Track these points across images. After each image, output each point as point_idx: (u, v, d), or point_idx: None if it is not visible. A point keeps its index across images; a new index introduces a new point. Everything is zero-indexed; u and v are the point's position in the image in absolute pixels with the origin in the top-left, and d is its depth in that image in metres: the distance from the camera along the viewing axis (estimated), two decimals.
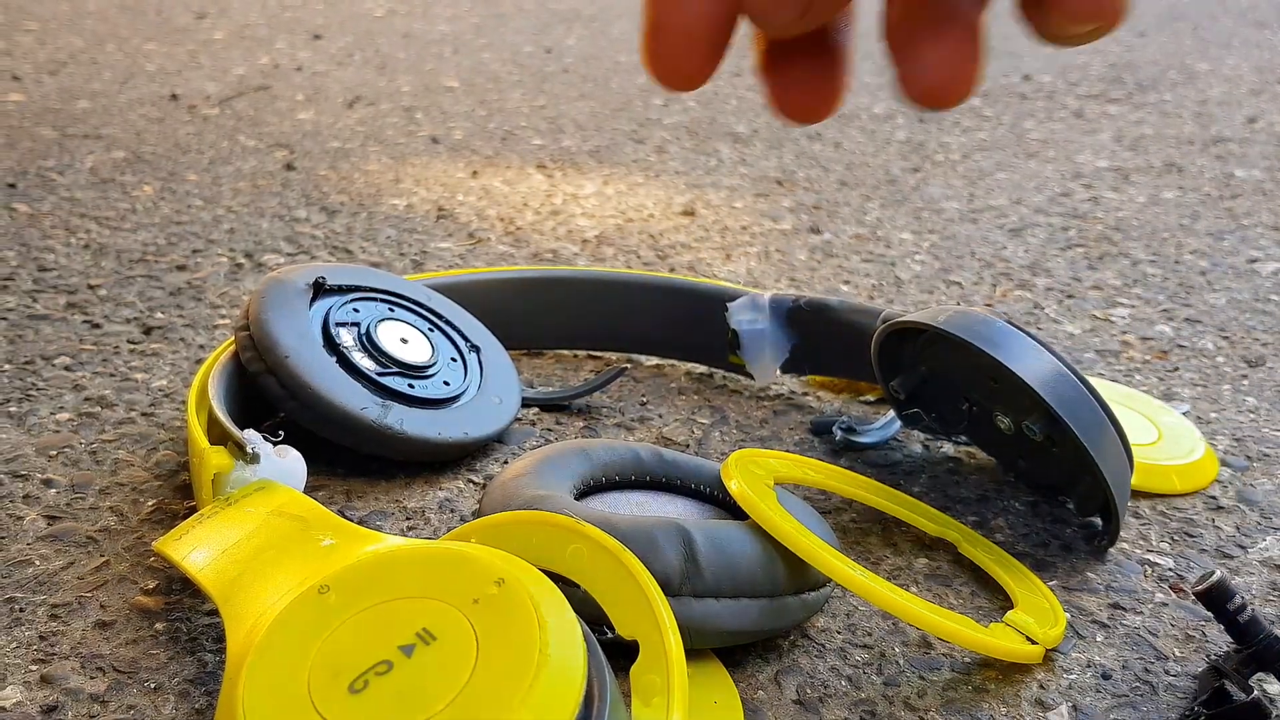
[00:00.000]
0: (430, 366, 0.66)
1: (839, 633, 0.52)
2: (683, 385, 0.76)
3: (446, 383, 0.66)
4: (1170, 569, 0.58)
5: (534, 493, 0.51)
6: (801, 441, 0.69)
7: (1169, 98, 1.68)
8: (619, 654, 0.42)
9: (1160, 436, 0.67)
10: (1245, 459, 0.68)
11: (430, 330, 0.69)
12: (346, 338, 0.65)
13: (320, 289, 0.67)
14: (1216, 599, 0.46)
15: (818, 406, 0.74)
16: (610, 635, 0.42)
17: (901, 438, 0.70)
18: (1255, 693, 0.44)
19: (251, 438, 0.52)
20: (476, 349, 0.70)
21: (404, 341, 0.67)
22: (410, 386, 0.65)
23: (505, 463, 0.65)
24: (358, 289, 0.69)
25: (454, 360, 0.68)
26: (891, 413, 0.69)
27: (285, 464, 0.53)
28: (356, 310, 0.67)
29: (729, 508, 0.55)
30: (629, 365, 0.77)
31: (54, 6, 2.31)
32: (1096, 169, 1.32)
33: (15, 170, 1.23)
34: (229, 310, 0.87)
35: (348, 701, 0.36)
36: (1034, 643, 0.49)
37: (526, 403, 0.71)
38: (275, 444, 0.53)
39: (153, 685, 0.48)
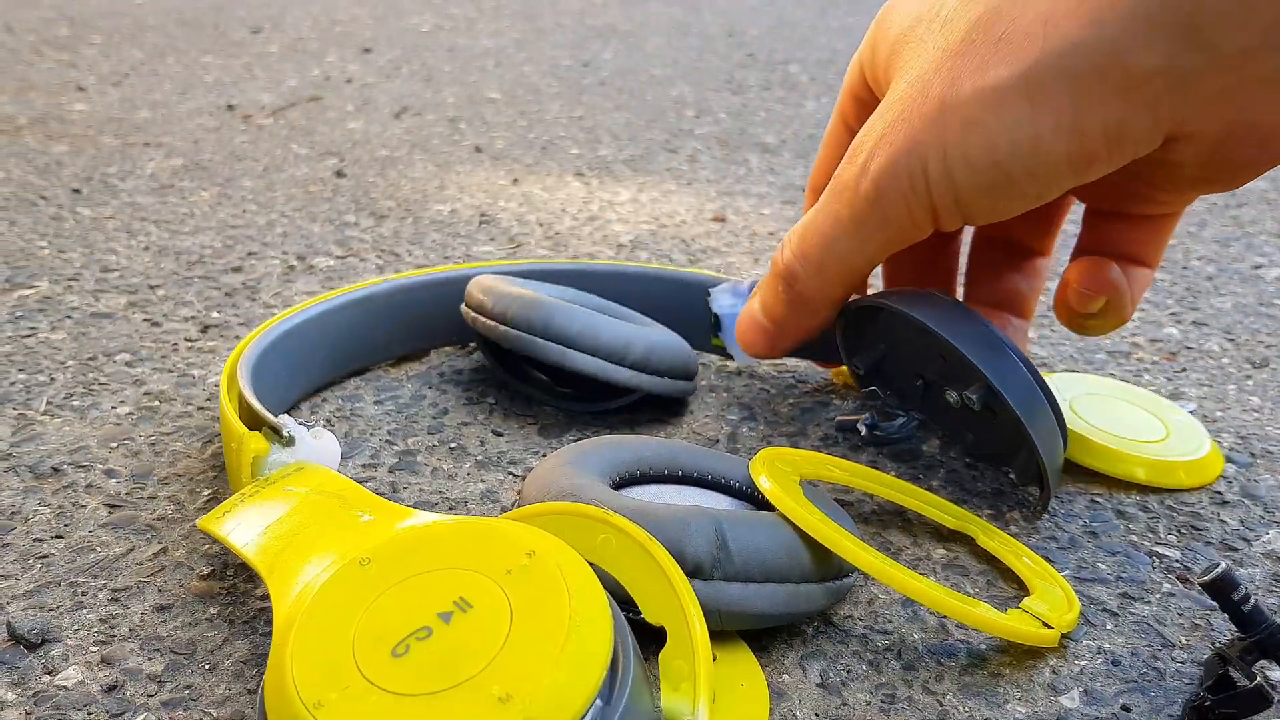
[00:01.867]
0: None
1: (861, 620, 0.52)
2: (713, 383, 0.76)
3: None
4: (1177, 561, 0.58)
5: (571, 483, 0.51)
6: (826, 437, 0.69)
7: None
8: (649, 638, 0.42)
9: (1168, 434, 0.67)
10: (1249, 456, 0.68)
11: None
12: None
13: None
14: (1221, 589, 0.46)
15: (842, 405, 0.74)
16: (640, 618, 0.42)
17: (921, 434, 0.70)
18: (1258, 679, 0.44)
19: (286, 421, 0.52)
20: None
21: None
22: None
23: (543, 456, 0.66)
24: None
25: None
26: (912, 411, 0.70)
27: (321, 445, 0.53)
28: None
29: (757, 502, 0.56)
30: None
31: (117, 21, 2.32)
32: None
33: (80, 176, 1.24)
34: (282, 310, 0.87)
35: (391, 664, 0.36)
36: (1050, 627, 0.49)
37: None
38: (309, 427, 0.53)
39: (208, 666, 0.48)
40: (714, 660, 0.46)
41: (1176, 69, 0.42)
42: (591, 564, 0.40)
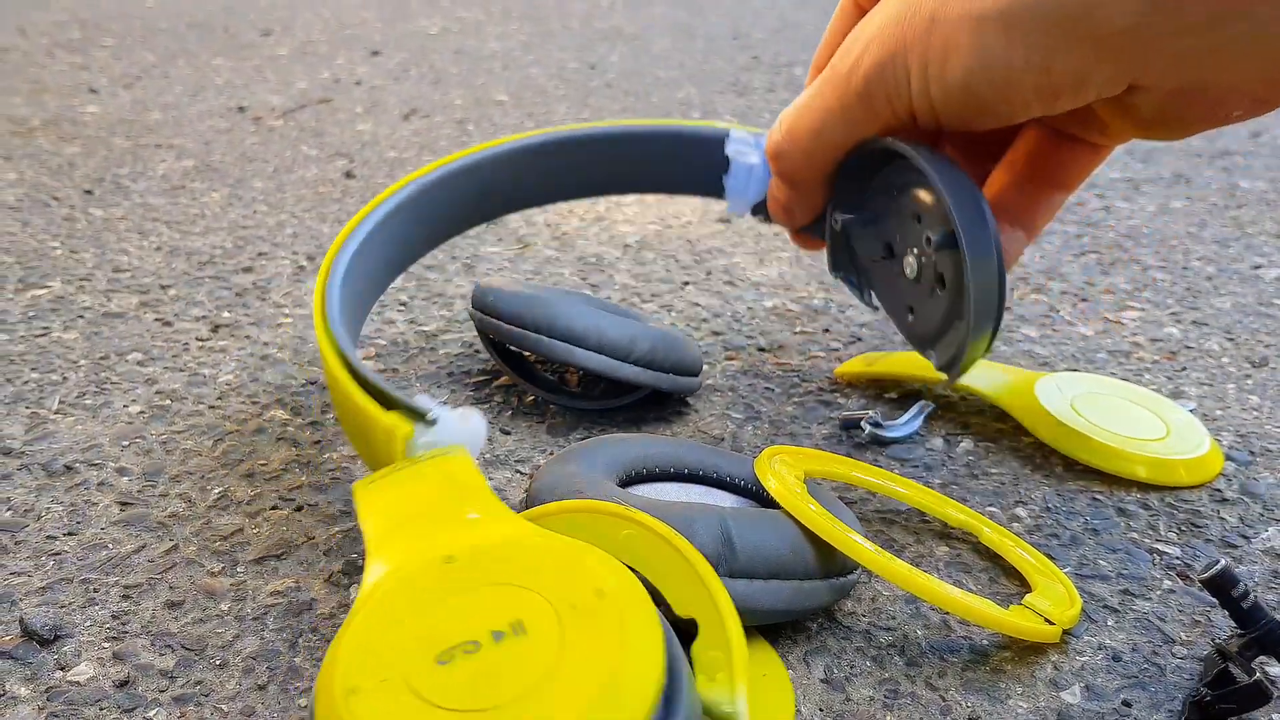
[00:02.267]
0: None
1: (864, 616, 0.52)
2: (717, 382, 0.76)
3: None
4: (1178, 558, 0.58)
5: (580, 481, 0.51)
6: (830, 436, 0.69)
7: None
8: (677, 632, 0.43)
9: (1169, 432, 0.67)
10: (1249, 454, 0.68)
11: None
12: None
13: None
14: (1221, 586, 0.46)
15: (845, 403, 0.74)
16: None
17: (924, 433, 0.70)
18: (1257, 675, 0.44)
19: (427, 403, 0.51)
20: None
21: None
22: None
23: (550, 454, 0.66)
24: None
25: None
26: (915, 409, 0.70)
27: (468, 427, 0.51)
28: None
29: (762, 500, 0.56)
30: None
31: (128, 24, 2.32)
32: (1109, 180, 1.31)
33: (92, 177, 1.24)
34: (292, 309, 0.87)
35: (431, 670, 0.36)
36: (1051, 623, 0.49)
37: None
38: (454, 408, 0.52)
39: (218, 662, 0.48)
40: None
41: (1143, 27, 0.44)
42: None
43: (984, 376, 0.72)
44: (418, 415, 0.50)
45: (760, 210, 0.71)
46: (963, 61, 0.49)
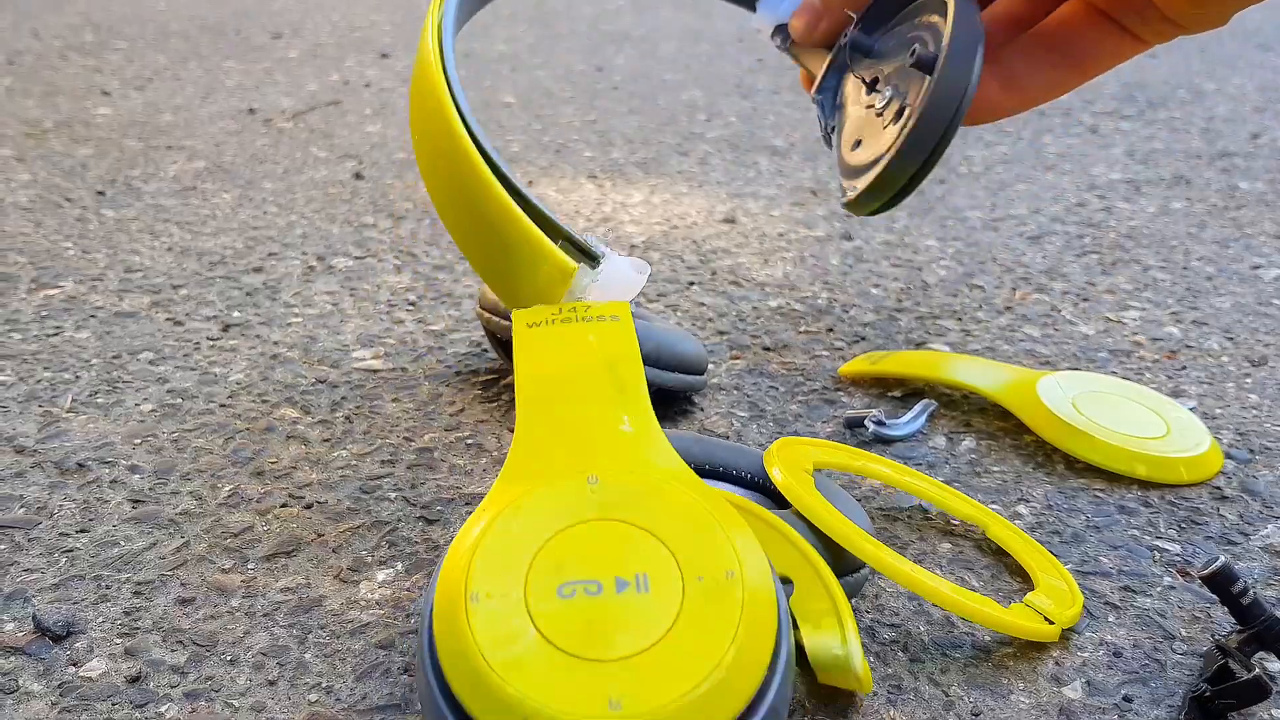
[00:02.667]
0: None
1: (868, 613, 0.52)
2: (723, 381, 0.76)
3: None
4: (1178, 555, 0.58)
5: None
6: (834, 434, 0.69)
7: (1178, 115, 1.67)
8: None
9: (1169, 431, 0.67)
10: (1248, 452, 0.68)
11: None
12: None
13: None
14: (1221, 583, 0.46)
15: (849, 402, 0.74)
16: None
17: (927, 432, 0.70)
18: (1256, 670, 0.44)
19: (592, 240, 0.49)
20: None
21: None
22: None
23: None
24: None
25: None
26: (918, 408, 0.70)
27: (625, 269, 0.49)
28: None
29: (769, 493, 0.56)
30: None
31: (140, 27, 2.32)
32: (1110, 181, 1.31)
33: (104, 179, 1.24)
34: (302, 309, 0.87)
35: (551, 600, 0.36)
36: (1051, 623, 0.49)
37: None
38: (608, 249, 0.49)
39: (229, 658, 0.48)
40: None
41: None
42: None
43: (986, 375, 0.72)
44: (586, 253, 0.48)
45: (781, 33, 0.69)
46: None
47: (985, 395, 0.71)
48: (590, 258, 0.48)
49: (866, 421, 0.68)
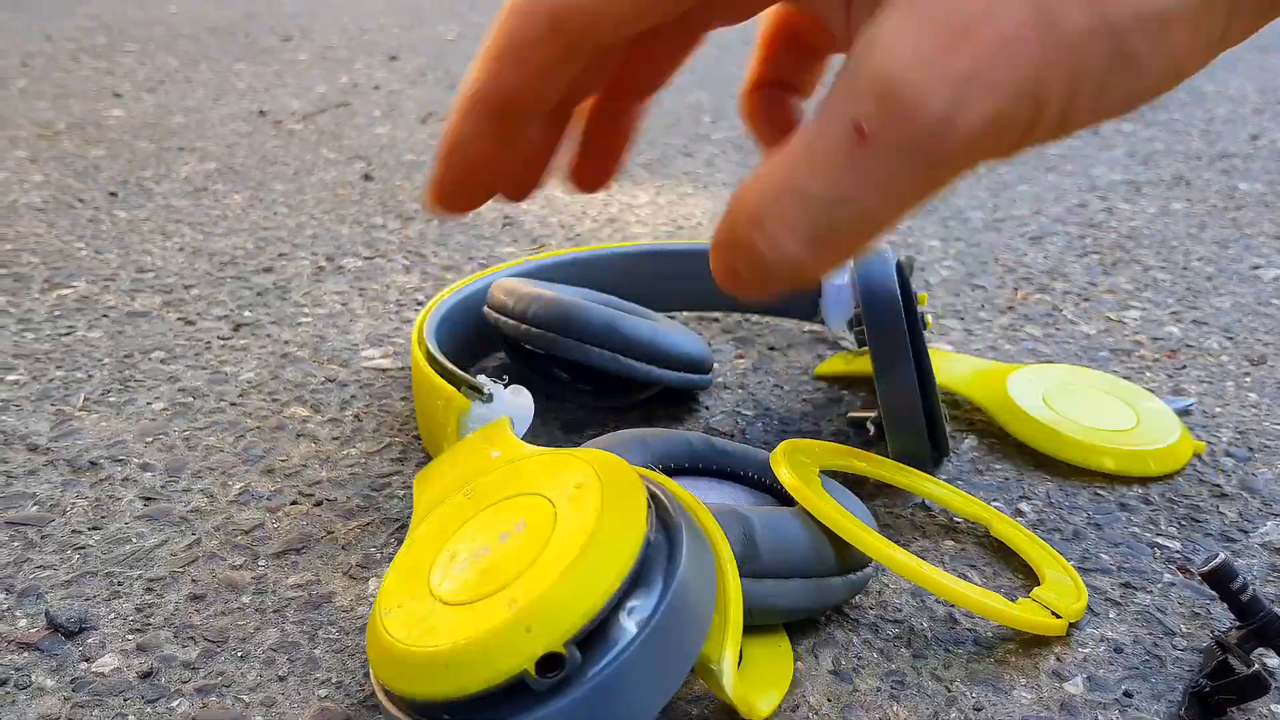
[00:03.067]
0: None
1: (871, 609, 0.52)
2: (727, 381, 0.76)
3: None
4: (1178, 551, 0.58)
5: None
6: (838, 433, 0.69)
7: (1178, 116, 1.67)
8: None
9: (1138, 422, 0.66)
10: (1248, 450, 0.68)
11: None
12: None
13: None
14: (1220, 579, 0.46)
15: (852, 401, 0.74)
16: None
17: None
18: (1256, 666, 0.44)
19: (483, 381, 0.56)
20: None
21: None
22: None
23: None
24: None
25: None
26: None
27: (518, 401, 0.56)
28: None
29: (775, 493, 0.56)
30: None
31: (151, 29, 2.32)
32: (1111, 182, 1.31)
33: (117, 180, 1.24)
34: (311, 309, 0.87)
35: (452, 579, 0.40)
36: (1058, 617, 0.49)
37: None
38: (505, 385, 0.57)
39: (240, 654, 0.49)
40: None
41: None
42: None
43: (956, 369, 0.72)
44: (477, 392, 0.55)
45: (855, 324, 0.73)
46: None
47: (955, 391, 0.71)
48: (481, 394, 0.55)
49: (869, 422, 0.68)
